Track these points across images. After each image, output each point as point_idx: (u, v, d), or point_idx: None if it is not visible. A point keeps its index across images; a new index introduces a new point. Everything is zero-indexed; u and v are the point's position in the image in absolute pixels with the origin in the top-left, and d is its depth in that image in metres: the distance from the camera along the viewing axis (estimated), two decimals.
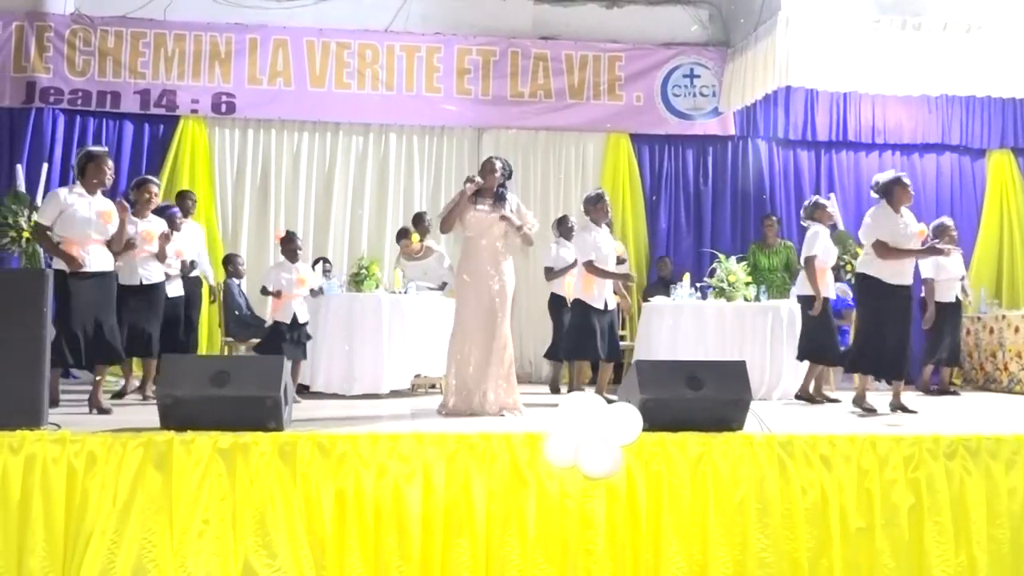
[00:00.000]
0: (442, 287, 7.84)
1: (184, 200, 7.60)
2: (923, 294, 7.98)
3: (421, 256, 8.02)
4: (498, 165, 5.68)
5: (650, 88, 9.62)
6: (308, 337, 6.59)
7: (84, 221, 5.42)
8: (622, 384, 5.06)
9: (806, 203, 7.23)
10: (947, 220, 8.18)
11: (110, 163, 5.59)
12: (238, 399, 4.14)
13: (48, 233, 5.44)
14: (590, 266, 6.74)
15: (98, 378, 5.56)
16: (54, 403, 5.09)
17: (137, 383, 6.83)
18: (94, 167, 5.50)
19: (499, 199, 5.65)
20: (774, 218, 8.77)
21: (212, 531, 3.90)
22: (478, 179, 5.62)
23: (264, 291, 6.55)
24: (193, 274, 7.26)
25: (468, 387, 5.50)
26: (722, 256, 7.57)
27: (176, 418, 4.14)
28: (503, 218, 5.58)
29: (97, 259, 5.46)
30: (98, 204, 5.51)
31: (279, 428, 4.19)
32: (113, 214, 5.51)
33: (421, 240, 8.25)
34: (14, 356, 4.17)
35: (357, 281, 7.21)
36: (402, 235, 8.27)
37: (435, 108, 9.38)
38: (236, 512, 3.93)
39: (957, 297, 8.03)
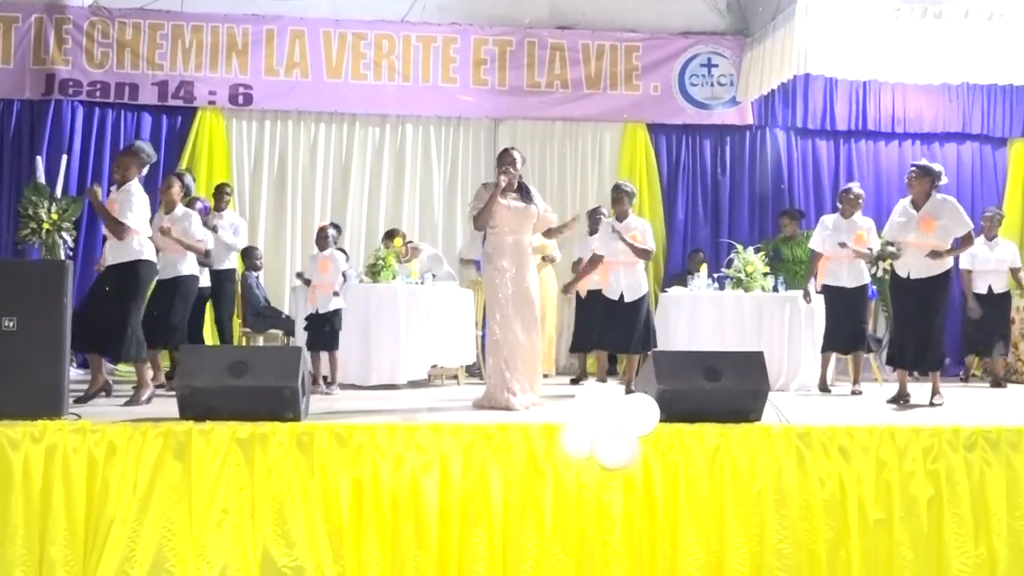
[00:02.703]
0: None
1: (220, 194, 7.71)
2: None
3: (408, 259, 8.01)
4: (518, 156, 5.65)
5: (667, 78, 9.57)
6: (332, 328, 6.61)
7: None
8: (639, 375, 5.05)
9: (841, 189, 7.35)
10: (988, 209, 8.16)
11: (118, 159, 5.61)
12: (256, 389, 4.16)
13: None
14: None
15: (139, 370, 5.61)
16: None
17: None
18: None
19: (524, 192, 5.62)
20: (784, 216, 8.72)
21: (231, 520, 3.93)
22: (512, 171, 5.54)
23: (301, 278, 6.88)
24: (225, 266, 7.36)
25: (504, 380, 5.43)
26: (740, 246, 7.53)
27: (195, 408, 4.17)
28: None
29: (110, 252, 5.53)
30: (113, 196, 5.55)
31: (297, 418, 4.22)
32: (116, 204, 5.49)
33: (406, 243, 8.25)
34: (35, 346, 4.22)
35: (374, 272, 7.22)
36: (387, 237, 8.27)
37: (451, 99, 9.37)
38: (255, 502, 3.96)
39: (991, 287, 7.96)
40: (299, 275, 7.04)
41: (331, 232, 6.80)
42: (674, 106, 9.59)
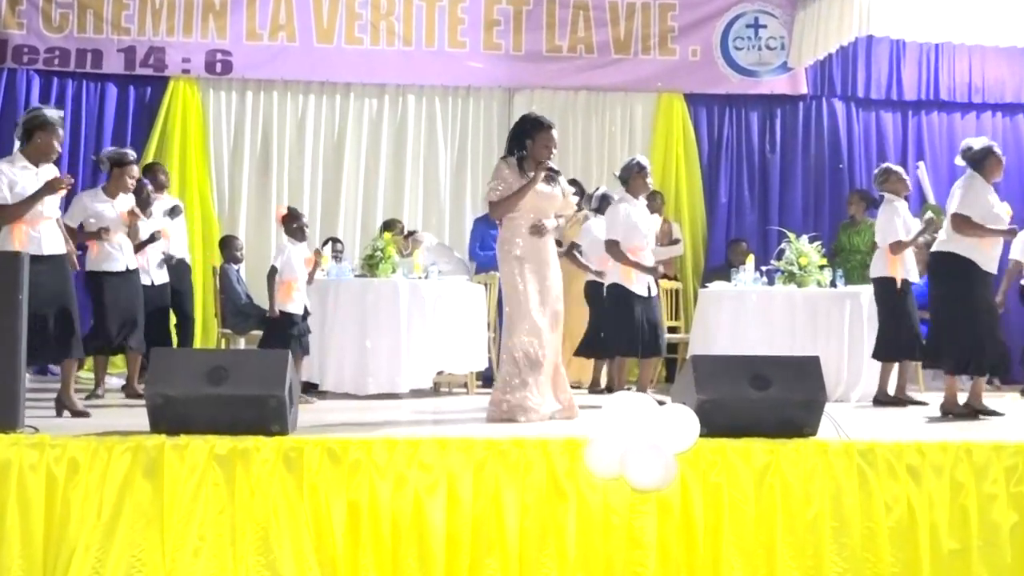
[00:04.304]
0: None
1: (155, 175, 7.57)
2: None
3: (409, 252, 8.02)
4: (555, 135, 5.67)
5: (708, 40, 9.56)
6: (308, 331, 6.66)
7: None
8: (676, 383, 5.04)
9: (876, 171, 7.21)
10: None
11: (61, 133, 5.43)
12: (237, 399, 4.18)
13: None
14: (612, 248, 6.75)
15: (67, 375, 5.54)
16: None
17: (123, 381, 6.92)
18: (45, 137, 5.28)
19: (551, 173, 5.63)
20: (855, 194, 8.71)
21: (209, 548, 3.94)
22: (551, 164, 5.58)
23: (272, 274, 6.62)
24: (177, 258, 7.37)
25: (526, 387, 5.43)
26: (792, 235, 7.51)
27: (168, 420, 4.18)
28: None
29: (48, 241, 5.35)
30: (46, 175, 5.34)
31: (284, 432, 4.23)
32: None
33: (405, 236, 8.26)
34: None
35: (371, 265, 7.23)
36: (385, 228, 8.27)
37: (460, 66, 9.39)
38: (236, 527, 3.98)
39: None
40: (273, 273, 6.65)
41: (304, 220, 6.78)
42: (716, 73, 9.58)
